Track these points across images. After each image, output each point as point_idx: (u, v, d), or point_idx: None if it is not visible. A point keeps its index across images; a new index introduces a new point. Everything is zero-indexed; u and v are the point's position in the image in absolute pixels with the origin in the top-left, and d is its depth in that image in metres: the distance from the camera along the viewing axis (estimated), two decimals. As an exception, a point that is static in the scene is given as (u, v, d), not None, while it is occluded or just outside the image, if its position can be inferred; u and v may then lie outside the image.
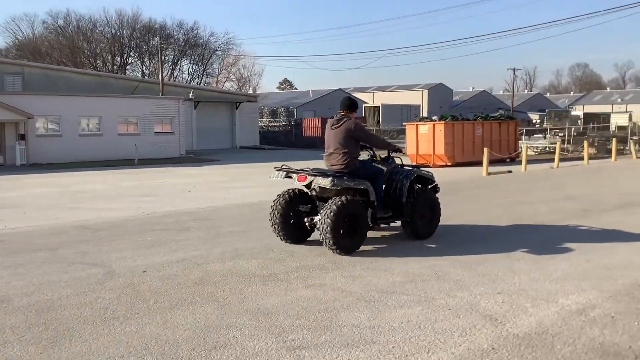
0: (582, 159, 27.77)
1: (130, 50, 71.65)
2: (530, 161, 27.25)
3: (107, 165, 30.66)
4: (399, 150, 8.70)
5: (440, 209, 8.82)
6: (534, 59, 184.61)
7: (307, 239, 8.28)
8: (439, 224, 8.87)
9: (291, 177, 7.95)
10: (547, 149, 36.57)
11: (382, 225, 8.69)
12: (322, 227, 7.34)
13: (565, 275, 6.64)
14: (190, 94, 42.49)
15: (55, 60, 61.49)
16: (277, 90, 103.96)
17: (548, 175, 20.31)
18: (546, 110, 56.68)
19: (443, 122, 29.14)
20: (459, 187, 16.24)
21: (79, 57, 66.26)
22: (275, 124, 54.11)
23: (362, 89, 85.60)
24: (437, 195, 8.96)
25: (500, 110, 34.39)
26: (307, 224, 7.93)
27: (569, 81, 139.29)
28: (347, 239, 7.51)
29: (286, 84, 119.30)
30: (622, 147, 34.37)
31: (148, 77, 65.51)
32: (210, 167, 30.18)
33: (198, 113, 43.89)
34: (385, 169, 8.37)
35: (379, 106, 56.74)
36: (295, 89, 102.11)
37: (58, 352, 4.47)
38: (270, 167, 8.61)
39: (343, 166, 7.89)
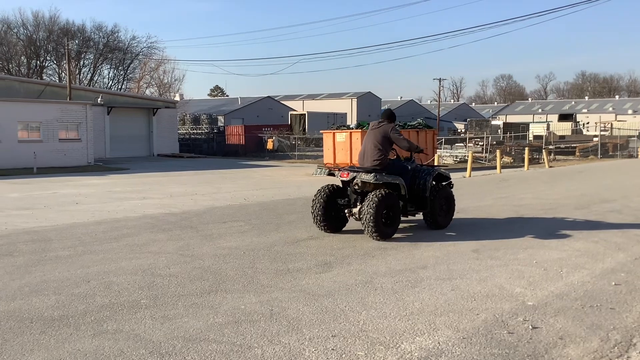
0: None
1: (47, 54, 68.26)
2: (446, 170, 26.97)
3: (3, 174, 28.37)
4: (421, 151, 9.89)
5: (454, 203, 10.18)
6: (460, 70, 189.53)
7: (343, 229, 9.52)
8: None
9: (334, 175, 9.32)
10: (467, 157, 36.52)
11: (409, 217, 9.87)
12: (365, 217, 8.54)
13: (422, 308, 5.65)
14: (99, 99, 40.33)
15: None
16: (209, 97, 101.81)
17: (459, 185, 19.70)
18: (467, 120, 57.14)
19: (360, 130, 28.43)
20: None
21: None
22: (198, 131, 52.32)
23: (291, 97, 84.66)
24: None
25: (418, 119, 33.93)
26: (347, 215, 9.23)
27: (494, 92, 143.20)
28: (386, 227, 8.77)
29: (217, 91, 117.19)
30: (537, 157, 34.62)
31: (65, 81, 62.42)
32: (116, 176, 28.38)
33: (112, 119, 41.75)
34: (409, 167, 9.58)
35: (304, 114, 55.86)
36: (227, 96, 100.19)
37: None
38: (184, 175, 7.91)
39: (377, 162, 9.02)
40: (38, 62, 67.76)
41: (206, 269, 7.08)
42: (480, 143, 39.69)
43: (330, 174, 9.50)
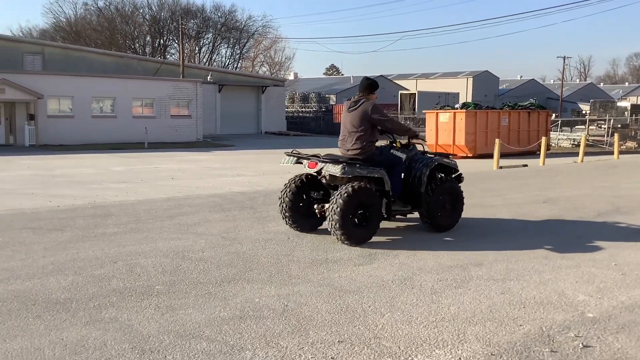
0: (621, 152, 25.05)
1: (169, 33, 71.29)
2: (556, 154, 25.06)
3: (118, 148, 29.90)
4: (417, 136, 8.20)
5: (463, 200, 8.30)
6: (588, 48, 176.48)
7: (319, 228, 7.89)
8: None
9: (302, 163, 7.61)
10: (588, 141, 33.94)
11: (397, 217, 8.24)
12: (330, 216, 6.99)
13: (456, 314, 4.91)
14: (209, 77, 41.42)
15: (93, 43, 61.56)
16: (323, 76, 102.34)
17: (563, 170, 18.11)
18: (590, 101, 53.01)
19: (464, 110, 27.07)
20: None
21: (117, 40, 66.28)
22: (306, 109, 52.56)
23: (405, 76, 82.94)
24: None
25: (530, 99, 31.77)
26: (317, 211, 7.51)
27: (626, 71, 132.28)
28: (357, 229, 7.14)
29: (333, 69, 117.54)
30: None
31: (188, 60, 64.93)
32: (220, 152, 29.09)
33: (222, 97, 42.79)
34: (404, 156, 7.89)
35: (414, 93, 54.45)
36: (342, 75, 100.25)
37: None
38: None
39: (358, 151, 7.42)
40: (161, 41, 70.97)
41: (240, 254, 6.69)
42: (603, 126, 36.66)
43: (299, 162, 7.67)
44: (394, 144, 8.05)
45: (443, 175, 8.24)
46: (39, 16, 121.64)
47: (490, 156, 22.26)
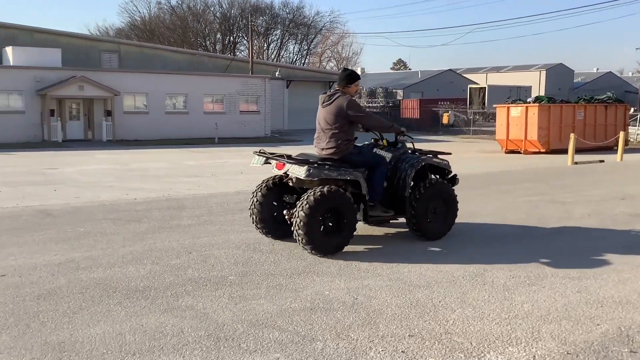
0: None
1: (239, 31, 72.52)
2: (635, 150, 24.02)
3: (190, 143, 30.74)
4: (403, 133, 7.17)
5: (456, 205, 7.35)
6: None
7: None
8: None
9: (270, 164, 6.83)
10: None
11: (390, 222, 7.62)
12: (295, 223, 6.24)
13: (530, 311, 4.81)
14: (277, 73, 41.88)
15: (166, 41, 63.41)
16: (390, 71, 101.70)
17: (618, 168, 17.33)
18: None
19: (537, 104, 26.34)
20: (522, 178, 14.04)
21: (189, 37, 67.98)
22: (373, 104, 52.41)
23: (474, 70, 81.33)
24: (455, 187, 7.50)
25: (608, 93, 30.54)
26: (286, 217, 6.61)
27: None
28: (327, 238, 6.38)
29: (400, 64, 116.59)
30: None
31: (256, 56, 65.93)
32: (287, 147, 29.34)
33: (290, 92, 43.21)
34: (390, 155, 7.00)
35: (484, 87, 53.33)
36: (409, 69, 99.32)
37: None
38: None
39: (332, 151, 6.65)
40: (231, 38, 72.30)
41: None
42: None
43: (267, 162, 6.85)
44: (379, 142, 7.17)
45: (437, 176, 7.41)
46: (115, 15, 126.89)
47: (564, 151, 21.57)
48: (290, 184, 6.63)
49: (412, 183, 6.93)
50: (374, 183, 6.72)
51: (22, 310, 4.73)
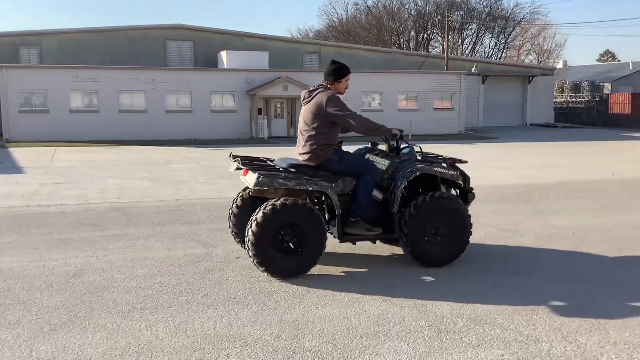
0: None
1: (433, 27, 72.08)
2: None
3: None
4: (394, 135, 5.94)
5: (468, 224, 5.96)
6: None
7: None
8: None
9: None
10: None
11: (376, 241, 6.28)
12: (246, 241, 5.45)
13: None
14: (473, 68, 40.90)
15: (362, 40, 65.12)
16: (597, 63, 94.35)
17: None
18: None
19: None
20: None
21: (384, 36, 69.10)
22: (577, 99, 48.98)
23: (698, 59, 72.26)
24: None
25: None
26: None
27: None
28: (285, 259, 5.49)
29: (608, 55, 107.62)
30: None
31: (450, 52, 65.18)
32: (483, 144, 28.62)
33: (486, 88, 42.00)
34: (386, 163, 5.95)
35: None
36: (618, 60, 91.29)
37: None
38: (551, 146, 7.54)
39: (307, 157, 5.73)
40: (425, 35, 72.08)
41: (525, 248, 6.62)
42: None
43: (239, 169, 5.92)
44: (376, 146, 6.21)
45: (450, 189, 6.29)
46: (314, 18, 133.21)
47: None
48: (251, 193, 5.97)
49: (400, 197, 5.78)
50: (358, 195, 5.68)
51: (257, 289, 5.25)
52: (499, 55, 69.24)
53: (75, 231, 7.60)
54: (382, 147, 6.19)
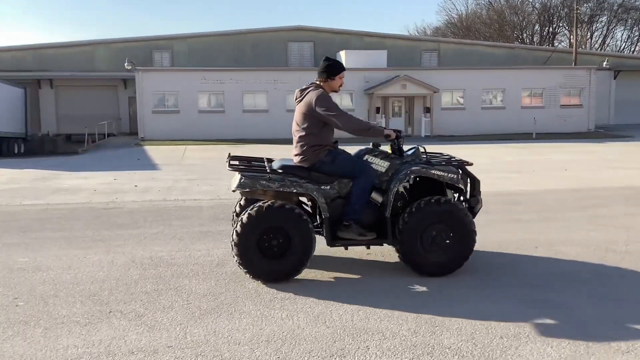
0: None
1: (559, 20, 68.78)
2: None
3: (506, 138, 30.35)
4: (388, 137, 5.60)
5: (471, 232, 5.53)
6: None
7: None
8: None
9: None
10: None
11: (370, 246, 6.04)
12: (230, 242, 5.44)
13: None
14: (604, 63, 38.54)
15: (482, 36, 63.42)
16: None
17: None
18: None
19: None
20: None
21: (505, 31, 66.85)
22: None
23: None
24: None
25: None
26: None
27: None
28: (269, 263, 5.36)
29: None
30: None
31: (579, 46, 61.91)
32: (615, 144, 26.99)
33: (618, 84, 39.51)
34: (386, 165, 5.64)
35: None
36: None
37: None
38: None
39: (299, 159, 5.56)
40: (550, 28, 68.93)
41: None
42: None
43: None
44: (377, 148, 5.75)
45: (457, 194, 5.87)
46: (433, 14, 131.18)
47: None
48: (241, 195, 5.85)
49: (399, 200, 5.65)
50: (352, 198, 5.48)
51: (388, 282, 5.32)
52: (632, 49, 64.83)
53: (213, 224, 8.06)
54: (387, 148, 5.87)
